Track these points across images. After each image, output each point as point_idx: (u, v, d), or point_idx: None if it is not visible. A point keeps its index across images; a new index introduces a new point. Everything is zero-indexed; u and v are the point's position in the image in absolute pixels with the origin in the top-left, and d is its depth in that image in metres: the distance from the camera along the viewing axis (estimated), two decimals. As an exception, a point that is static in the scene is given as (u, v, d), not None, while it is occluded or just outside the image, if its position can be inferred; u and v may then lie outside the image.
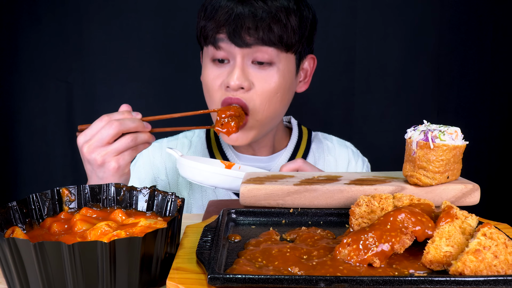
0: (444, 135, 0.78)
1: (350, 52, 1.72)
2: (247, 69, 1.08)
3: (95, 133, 0.93)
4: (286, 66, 1.11)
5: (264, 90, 1.09)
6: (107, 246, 0.56)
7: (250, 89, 1.08)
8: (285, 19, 1.06)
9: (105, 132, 0.92)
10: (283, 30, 1.06)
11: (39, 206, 0.71)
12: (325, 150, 1.31)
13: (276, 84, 1.10)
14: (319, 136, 1.35)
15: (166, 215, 0.73)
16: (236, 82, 1.06)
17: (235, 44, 1.06)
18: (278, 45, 1.07)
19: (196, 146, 1.28)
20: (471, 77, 1.76)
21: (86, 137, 0.94)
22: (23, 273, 0.58)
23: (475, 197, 0.82)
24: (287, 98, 1.16)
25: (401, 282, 0.55)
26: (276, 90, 1.10)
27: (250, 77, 1.08)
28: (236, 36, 1.05)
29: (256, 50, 1.06)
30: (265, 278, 0.55)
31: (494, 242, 0.58)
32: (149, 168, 1.27)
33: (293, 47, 1.10)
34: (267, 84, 1.09)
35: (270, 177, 0.87)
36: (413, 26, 1.72)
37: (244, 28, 1.04)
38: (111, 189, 0.76)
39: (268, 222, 0.77)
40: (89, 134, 0.94)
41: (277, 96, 1.11)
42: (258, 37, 1.05)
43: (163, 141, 1.32)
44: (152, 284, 0.63)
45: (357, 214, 0.72)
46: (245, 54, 1.07)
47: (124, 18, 1.68)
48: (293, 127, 1.32)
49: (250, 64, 1.09)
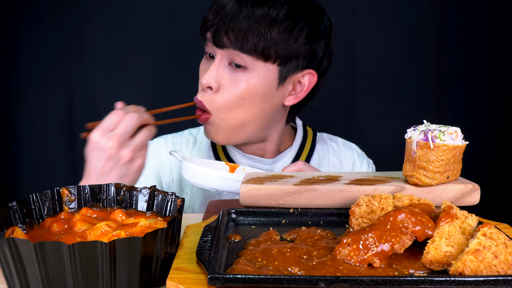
0: (444, 135, 0.78)
1: (350, 52, 1.72)
2: (223, 70, 1.08)
3: (115, 126, 0.87)
4: (262, 74, 1.08)
5: (229, 93, 1.07)
6: (107, 246, 0.56)
7: (217, 90, 1.08)
8: (265, 29, 1.04)
9: (129, 124, 0.87)
10: (260, 39, 1.04)
11: (39, 206, 0.71)
12: (330, 151, 1.29)
13: (243, 90, 1.07)
14: (324, 137, 1.32)
15: (166, 215, 0.73)
16: (203, 81, 1.07)
17: (214, 44, 1.07)
18: (252, 53, 1.05)
19: (200, 143, 1.27)
20: (471, 77, 1.76)
21: (105, 131, 0.87)
22: (23, 273, 0.58)
23: (475, 197, 0.82)
24: (262, 108, 1.10)
25: (401, 282, 0.55)
26: (243, 96, 1.07)
27: (223, 79, 1.08)
28: (217, 36, 1.06)
29: (234, 53, 1.06)
30: (265, 278, 0.55)
31: (494, 242, 0.58)
32: (153, 164, 1.24)
33: (272, 58, 1.06)
34: (233, 87, 1.07)
35: (270, 177, 0.87)
36: (413, 26, 1.72)
37: (224, 30, 1.04)
38: (111, 189, 0.76)
39: (268, 222, 0.77)
40: (108, 128, 0.87)
41: (243, 103, 1.08)
42: (236, 40, 1.04)
43: (168, 136, 1.30)
44: (152, 284, 0.63)
45: (357, 214, 0.72)
46: (223, 54, 1.07)
47: (124, 18, 1.68)
48: (298, 128, 1.30)
49: (227, 65, 1.08)
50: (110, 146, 0.87)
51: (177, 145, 1.28)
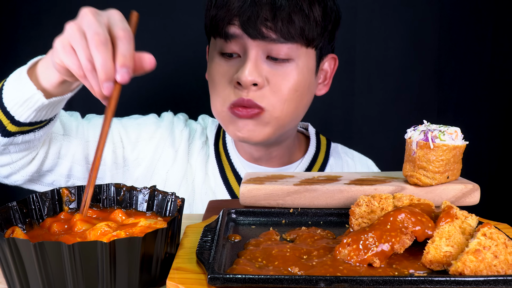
0: (444, 135, 0.78)
1: (350, 52, 1.72)
2: (261, 64, 0.96)
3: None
4: (305, 62, 0.99)
5: (281, 87, 0.97)
6: (107, 246, 0.56)
7: (263, 86, 0.97)
8: (308, 9, 0.93)
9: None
10: (305, 21, 0.93)
11: (39, 206, 0.71)
12: (344, 168, 1.18)
13: (295, 81, 0.98)
14: (339, 150, 1.21)
15: (166, 215, 0.73)
16: (248, 78, 0.94)
17: (249, 36, 0.94)
18: (298, 39, 0.94)
19: (210, 139, 1.17)
20: (471, 77, 1.76)
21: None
22: (23, 273, 0.58)
23: (475, 197, 0.82)
24: (307, 99, 1.04)
25: (401, 282, 0.55)
26: (296, 88, 0.98)
27: (265, 73, 0.97)
28: (251, 26, 0.92)
29: (273, 43, 0.94)
30: (265, 278, 0.55)
31: (494, 242, 0.58)
32: (167, 134, 1.14)
33: (315, 41, 0.97)
34: (285, 81, 0.97)
35: (270, 177, 0.87)
36: (413, 26, 1.72)
37: (260, 18, 0.91)
38: (111, 189, 0.76)
39: (268, 222, 0.77)
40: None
41: (296, 95, 0.99)
42: (276, 29, 0.92)
43: (186, 118, 1.21)
44: (152, 284, 0.63)
45: (357, 214, 0.72)
46: (259, 47, 0.95)
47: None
48: (311, 137, 1.19)
49: (265, 59, 0.97)
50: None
51: (192, 132, 1.18)
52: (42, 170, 1.02)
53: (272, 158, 1.13)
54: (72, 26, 0.68)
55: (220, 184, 1.13)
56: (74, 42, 0.67)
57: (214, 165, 1.15)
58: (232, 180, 1.12)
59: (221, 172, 1.14)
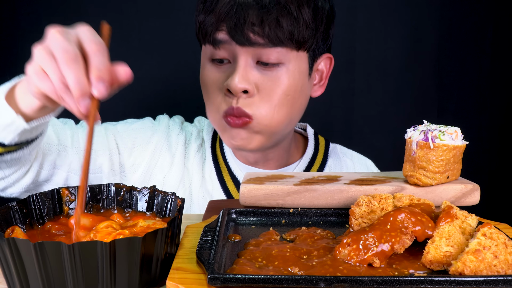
0: (444, 135, 0.78)
1: (350, 52, 1.72)
2: (251, 71, 0.95)
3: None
4: (296, 66, 0.97)
5: (271, 93, 0.96)
6: (107, 246, 0.56)
7: (253, 93, 0.96)
8: (296, 11, 0.91)
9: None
10: (294, 24, 0.91)
11: (39, 206, 0.71)
12: (343, 169, 1.17)
13: (286, 85, 0.96)
14: (337, 151, 1.20)
15: (166, 215, 0.73)
16: (238, 86, 0.93)
17: (237, 42, 0.93)
18: (287, 43, 0.92)
19: (206, 143, 1.17)
20: (471, 77, 1.76)
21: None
22: (23, 273, 0.58)
23: (475, 197, 0.82)
24: (300, 102, 1.02)
25: (401, 282, 0.55)
26: (286, 92, 0.97)
27: (255, 79, 0.96)
28: (238, 32, 0.91)
29: (261, 48, 0.93)
30: (265, 278, 0.55)
31: (494, 242, 0.58)
32: (163, 139, 1.13)
33: (306, 44, 0.95)
34: (275, 86, 0.96)
35: (270, 177, 0.87)
36: (413, 26, 1.72)
37: (248, 23, 0.90)
38: (111, 189, 0.76)
39: (268, 222, 0.77)
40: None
41: (287, 100, 0.98)
42: (264, 33, 0.91)
43: (182, 120, 1.19)
44: (152, 284, 0.63)
45: (357, 214, 0.72)
46: (248, 53, 0.94)
47: (124, 18, 1.68)
48: (309, 138, 1.17)
49: (254, 64, 0.96)
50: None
51: (187, 135, 1.17)
52: (38, 181, 1.01)
53: (269, 161, 1.13)
54: (40, 49, 0.65)
55: (218, 187, 1.13)
56: (45, 65, 0.64)
57: (211, 168, 1.14)
58: (229, 183, 1.12)
59: (218, 175, 1.13)
